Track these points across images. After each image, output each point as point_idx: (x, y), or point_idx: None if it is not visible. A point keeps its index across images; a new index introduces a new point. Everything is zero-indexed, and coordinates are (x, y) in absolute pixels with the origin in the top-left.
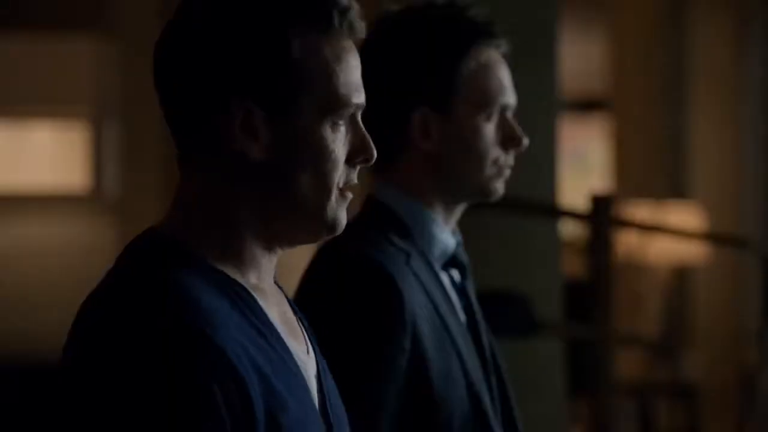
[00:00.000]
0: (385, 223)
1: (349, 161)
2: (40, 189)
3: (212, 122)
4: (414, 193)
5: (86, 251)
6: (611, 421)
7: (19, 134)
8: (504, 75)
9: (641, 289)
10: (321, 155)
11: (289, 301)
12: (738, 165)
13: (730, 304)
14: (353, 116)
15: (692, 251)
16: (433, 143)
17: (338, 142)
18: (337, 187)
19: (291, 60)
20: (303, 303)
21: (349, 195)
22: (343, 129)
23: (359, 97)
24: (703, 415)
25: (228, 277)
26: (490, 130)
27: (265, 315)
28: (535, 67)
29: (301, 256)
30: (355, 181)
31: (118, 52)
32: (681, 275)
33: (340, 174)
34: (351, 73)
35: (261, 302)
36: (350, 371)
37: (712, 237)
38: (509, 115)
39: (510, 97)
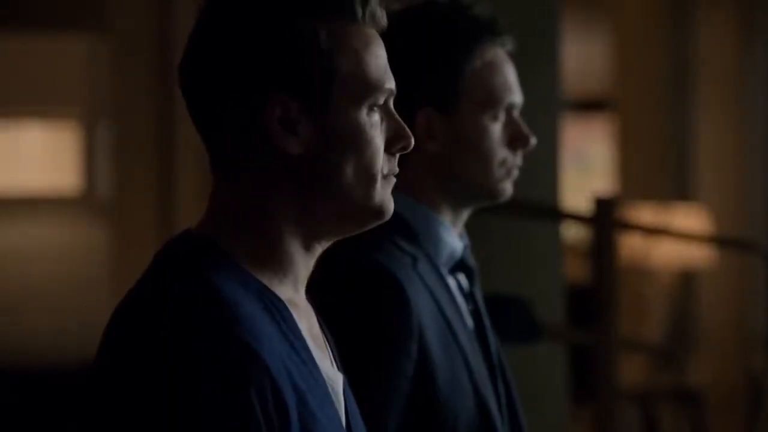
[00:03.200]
0: (390, 226)
1: (387, 150)
2: (32, 191)
3: (249, 122)
4: (420, 195)
5: (79, 254)
6: (615, 428)
7: (9, 135)
8: (510, 73)
9: (645, 293)
10: (361, 142)
11: (316, 313)
12: (744, 166)
13: (736, 308)
14: (386, 104)
15: (697, 254)
16: (437, 144)
17: (376, 129)
18: (381, 173)
19: (320, 51)
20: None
21: (393, 179)
22: (377, 116)
23: (390, 83)
24: (708, 421)
25: (266, 288)
26: (496, 129)
27: (299, 330)
28: (536, 67)
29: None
30: (397, 170)
31: (110, 51)
32: (686, 279)
33: (382, 161)
34: (379, 58)
35: (295, 317)
36: (356, 376)
37: (717, 240)
38: (516, 114)
39: (516, 96)
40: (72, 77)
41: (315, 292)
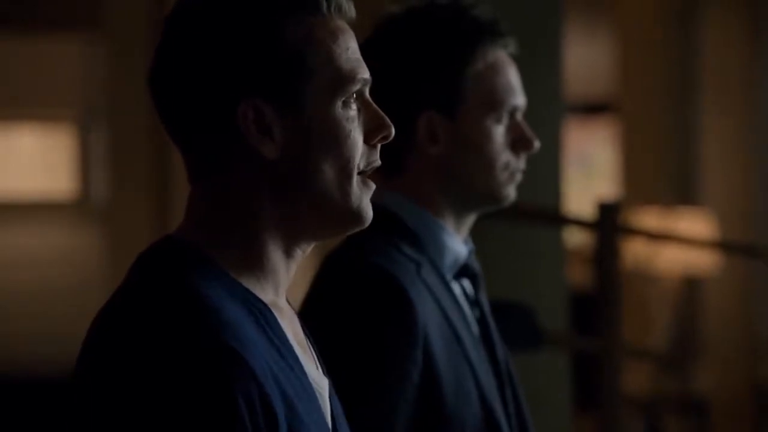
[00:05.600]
0: (394, 232)
1: (368, 141)
2: (25, 195)
3: (224, 127)
4: (422, 200)
5: (73, 259)
6: None
7: (2, 138)
8: (512, 75)
9: (649, 300)
10: (338, 138)
11: (299, 318)
12: (749, 170)
13: (742, 314)
14: (362, 94)
15: (702, 260)
16: (440, 147)
17: (352, 122)
18: (358, 169)
19: (288, 49)
20: (310, 315)
21: (372, 185)
22: (354, 108)
23: (364, 72)
24: (714, 429)
25: (249, 292)
26: (499, 132)
27: (284, 334)
28: (539, 69)
29: (305, 267)
30: (378, 162)
31: (105, 52)
32: (691, 285)
33: (360, 156)
34: (350, 49)
35: (280, 321)
36: (361, 385)
37: (722, 245)
38: (519, 116)
39: (519, 99)
40: (66, 79)
41: (316, 298)
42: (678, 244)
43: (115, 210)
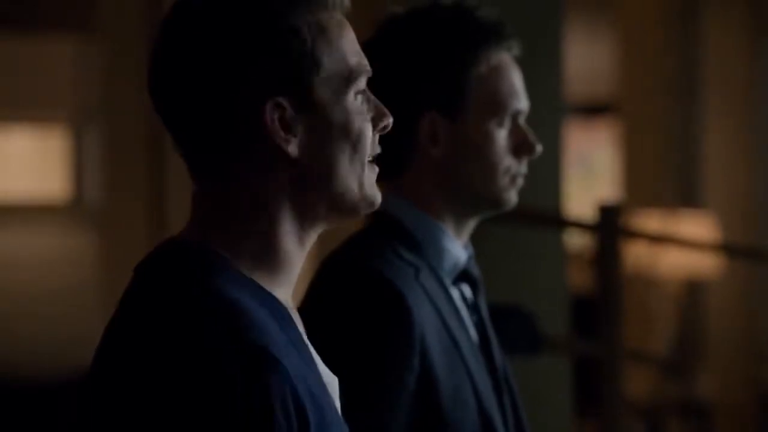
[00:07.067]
0: (393, 235)
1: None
2: (19, 197)
3: (246, 128)
4: (423, 202)
5: (68, 262)
6: None
7: None
8: (516, 79)
9: (651, 303)
10: (354, 130)
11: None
12: (752, 172)
13: (745, 318)
14: (364, 86)
15: (705, 263)
16: (442, 149)
17: (362, 113)
18: (368, 158)
19: (305, 47)
20: (308, 317)
21: (375, 167)
22: (360, 99)
23: (367, 63)
24: None
25: (267, 291)
26: (501, 136)
27: (300, 334)
28: (539, 70)
29: (305, 268)
30: (378, 150)
31: (100, 53)
32: (693, 288)
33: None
34: (354, 42)
35: (294, 319)
36: (358, 390)
37: (725, 248)
38: (521, 121)
39: (522, 103)
40: (60, 80)
41: (314, 301)
42: (680, 247)
43: (109, 212)
